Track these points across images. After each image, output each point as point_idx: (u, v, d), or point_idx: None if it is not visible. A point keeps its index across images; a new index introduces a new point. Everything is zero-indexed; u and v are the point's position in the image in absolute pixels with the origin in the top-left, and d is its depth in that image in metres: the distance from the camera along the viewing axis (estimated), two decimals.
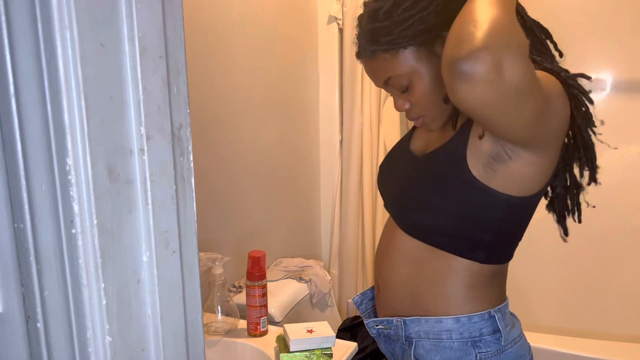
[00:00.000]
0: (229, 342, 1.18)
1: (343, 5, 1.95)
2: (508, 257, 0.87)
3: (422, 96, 0.81)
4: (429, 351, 0.84)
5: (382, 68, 0.81)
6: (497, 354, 0.82)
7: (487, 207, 0.78)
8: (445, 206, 0.80)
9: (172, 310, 0.44)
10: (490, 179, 0.76)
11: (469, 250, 0.81)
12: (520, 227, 0.85)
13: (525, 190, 0.77)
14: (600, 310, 1.97)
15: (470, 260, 0.82)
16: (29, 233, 0.39)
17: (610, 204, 1.87)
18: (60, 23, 0.35)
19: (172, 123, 0.42)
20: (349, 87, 1.99)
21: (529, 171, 0.76)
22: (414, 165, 0.88)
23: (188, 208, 0.45)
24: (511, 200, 0.77)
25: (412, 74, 0.79)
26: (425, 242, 0.83)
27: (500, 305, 0.84)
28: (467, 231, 0.80)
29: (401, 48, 0.78)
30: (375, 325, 0.91)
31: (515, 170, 0.75)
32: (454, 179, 0.78)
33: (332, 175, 2.11)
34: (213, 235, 1.48)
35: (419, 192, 0.83)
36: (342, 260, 2.09)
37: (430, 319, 0.83)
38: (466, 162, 0.76)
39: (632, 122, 1.86)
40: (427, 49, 0.78)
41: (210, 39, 1.44)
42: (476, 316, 0.82)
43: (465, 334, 0.82)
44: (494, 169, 0.75)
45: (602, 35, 1.85)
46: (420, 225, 0.84)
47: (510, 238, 0.85)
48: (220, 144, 1.50)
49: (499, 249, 0.83)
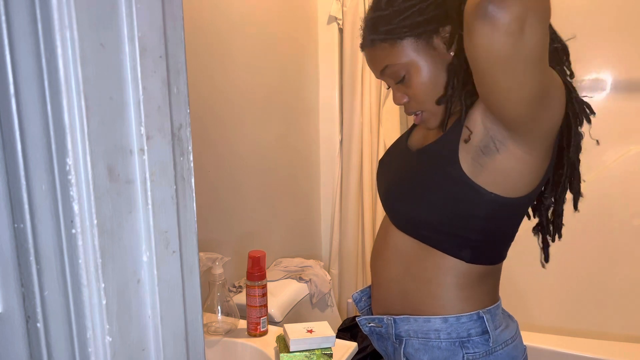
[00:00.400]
0: (229, 342, 1.18)
1: (343, 5, 1.95)
2: (498, 259, 0.86)
3: (418, 90, 0.81)
4: (417, 350, 0.84)
5: (379, 57, 0.82)
6: (486, 355, 0.82)
7: (473, 204, 0.78)
8: (432, 200, 0.80)
9: (172, 310, 0.44)
10: (477, 174, 0.76)
11: (454, 247, 0.81)
12: (507, 229, 0.84)
13: (512, 190, 0.77)
14: (600, 310, 1.97)
15: (458, 260, 0.81)
16: (29, 233, 0.39)
17: (610, 204, 1.87)
18: (60, 23, 0.35)
19: (172, 123, 0.42)
20: (349, 87, 1.99)
21: (516, 167, 0.75)
22: (407, 159, 0.89)
23: (188, 208, 0.45)
24: (498, 200, 0.77)
25: (409, 66, 0.80)
26: (413, 237, 0.84)
27: (491, 306, 0.84)
28: (452, 227, 0.80)
29: (399, 38, 0.79)
30: (367, 323, 0.92)
31: (501, 164, 0.75)
32: (443, 173, 0.78)
33: (332, 175, 2.11)
34: (213, 235, 1.48)
35: (409, 184, 0.84)
36: (342, 260, 2.09)
37: (419, 318, 0.84)
38: (457, 156, 0.77)
39: (632, 122, 1.86)
40: (425, 41, 0.78)
41: (210, 39, 1.44)
42: (465, 317, 0.82)
43: (453, 334, 0.82)
44: (481, 163, 0.75)
45: (602, 35, 1.85)
46: (408, 218, 0.84)
47: (497, 239, 0.84)
48: (220, 144, 1.50)
49: (484, 249, 0.83)
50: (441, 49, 0.79)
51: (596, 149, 0.82)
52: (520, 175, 0.76)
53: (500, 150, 0.74)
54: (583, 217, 0.89)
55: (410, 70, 0.80)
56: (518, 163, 0.75)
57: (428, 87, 0.80)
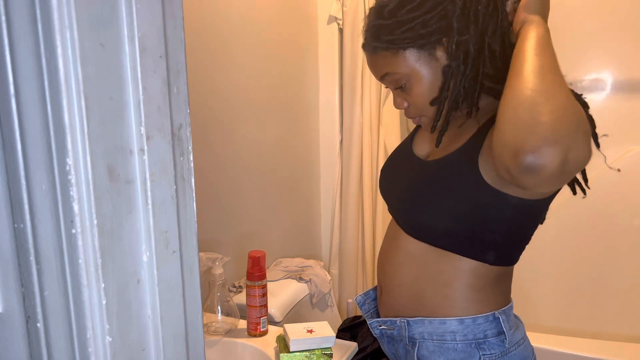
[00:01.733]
0: (229, 342, 1.18)
1: (343, 5, 1.95)
2: (516, 259, 0.86)
3: (418, 98, 0.81)
4: (432, 352, 0.83)
5: (380, 64, 0.82)
6: (501, 356, 0.81)
7: (498, 209, 0.77)
8: (456, 209, 0.79)
9: (172, 310, 0.44)
10: (501, 184, 0.75)
11: (479, 251, 0.81)
12: (530, 229, 0.84)
13: (536, 194, 0.77)
14: (600, 310, 1.97)
15: (478, 262, 0.81)
16: (29, 233, 0.39)
17: (610, 204, 1.87)
18: (60, 23, 0.35)
19: (172, 123, 0.42)
20: (349, 87, 1.99)
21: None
22: (422, 169, 0.88)
23: (188, 208, 0.45)
24: (522, 203, 0.76)
25: (410, 75, 0.80)
26: (433, 245, 0.83)
27: (505, 307, 0.84)
28: (478, 232, 0.80)
29: (401, 49, 0.78)
30: (378, 326, 0.91)
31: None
32: (466, 182, 0.78)
33: (332, 175, 2.11)
34: (213, 235, 1.48)
35: (429, 195, 0.83)
36: (342, 260, 2.09)
37: (434, 320, 0.83)
38: (478, 168, 0.76)
39: (632, 122, 1.86)
40: (428, 52, 0.78)
41: (210, 39, 1.44)
42: (480, 318, 0.82)
43: (469, 335, 0.81)
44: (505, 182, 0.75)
45: (602, 35, 1.85)
46: (429, 228, 0.83)
47: (520, 239, 0.84)
48: (220, 144, 1.50)
49: (508, 250, 0.83)
50: (443, 59, 0.78)
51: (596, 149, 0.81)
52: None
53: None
54: (583, 217, 0.89)
55: (411, 79, 0.80)
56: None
57: (427, 96, 0.81)
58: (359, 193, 2.05)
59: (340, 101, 2.06)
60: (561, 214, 1.92)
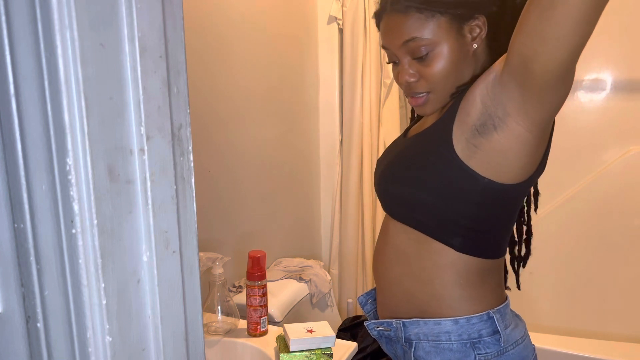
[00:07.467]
0: (229, 342, 1.18)
1: (343, 5, 1.95)
2: (492, 253, 0.84)
3: (437, 73, 0.79)
4: (428, 353, 0.84)
5: (409, 26, 0.78)
6: (498, 355, 0.81)
7: (466, 188, 0.77)
8: (426, 180, 0.79)
9: (172, 310, 0.44)
10: (470, 156, 0.75)
11: (445, 234, 0.80)
12: (500, 220, 0.83)
13: (506, 175, 0.76)
14: (600, 310, 1.97)
15: (455, 256, 0.81)
16: (29, 233, 0.39)
17: (610, 204, 1.87)
18: (60, 23, 0.35)
19: (172, 123, 0.42)
20: (349, 87, 1.99)
21: (513, 147, 0.73)
22: (403, 145, 0.89)
23: (188, 208, 0.45)
24: (492, 186, 0.76)
25: (435, 45, 0.77)
26: (407, 224, 0.83)
27: (500, 305, 0.84)
28: (444, 211, 0.79)
29: (438, 13, 0.76)
30: (375, 327, 0.91)
31: (498, 144, 0.73)
32: (436, 153, 0.78)
33: (332, 175, 2.10)
34: (213, 235, 1.48)
35: (403, 166, 0.84)
36: (342, 260, 2.09)
37: (429, 320, 0.83)
38: (451, 137, 0.76)
39: (632, 122, 1.86)
40: (458, 25, 0.76)
41: (211, 39, 1.44)
42: (475, 317, 0.82)
43: (464, 335, 0.82)
44: (475, 144, 0.74)
45: (602, 35, 1.85)
46: (402, 200, 0.84)
47: (490, 229, 0.83)
48: (220, 144, 1.50)
49: (476, 239, 0.81)
50: (467, 38, 0.77)
51: (596, 149, 0.81)
52: (517, 157, 0.74)
53: (498, 128, 0.72)
54: (583, 217, 0.89)
55: (435, 49, 0.77)
56: (516, 142, 0.73)
57: (447, 70, 0.78)
58: (359, 193, 2.05)
59: (340, 101, 2.06)
60: (561, 214, 1.93)
